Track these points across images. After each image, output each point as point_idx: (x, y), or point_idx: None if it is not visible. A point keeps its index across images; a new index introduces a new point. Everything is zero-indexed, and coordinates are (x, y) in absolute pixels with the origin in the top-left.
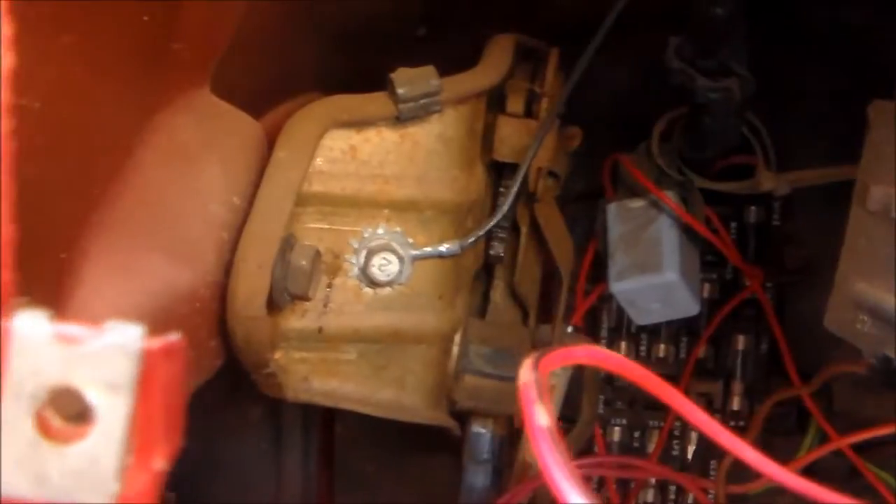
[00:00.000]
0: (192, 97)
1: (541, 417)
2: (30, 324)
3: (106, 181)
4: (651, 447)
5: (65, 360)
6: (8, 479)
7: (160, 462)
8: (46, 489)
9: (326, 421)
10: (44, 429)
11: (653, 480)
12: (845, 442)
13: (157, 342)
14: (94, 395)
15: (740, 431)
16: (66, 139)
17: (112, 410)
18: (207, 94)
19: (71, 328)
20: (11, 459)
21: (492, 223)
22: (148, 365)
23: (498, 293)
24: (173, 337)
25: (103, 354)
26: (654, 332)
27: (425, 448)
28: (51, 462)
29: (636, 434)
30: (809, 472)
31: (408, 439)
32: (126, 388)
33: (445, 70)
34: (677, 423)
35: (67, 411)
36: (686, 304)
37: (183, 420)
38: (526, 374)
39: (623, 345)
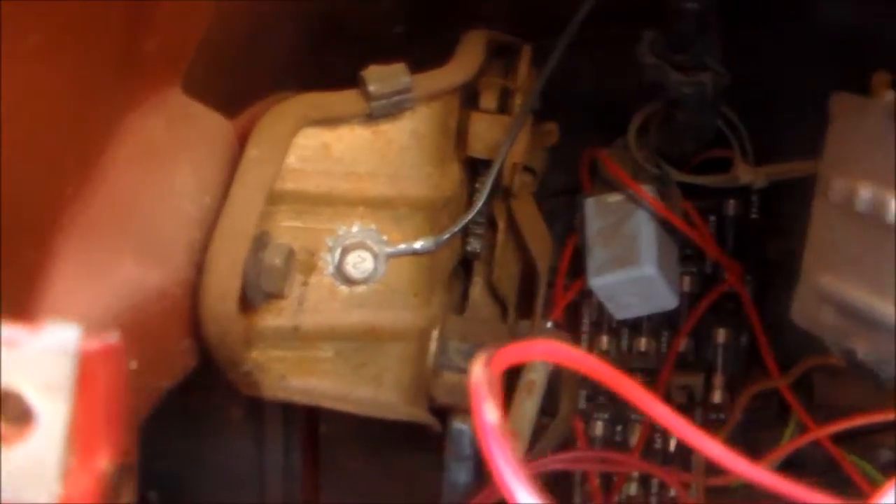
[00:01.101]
0: (164, 97)
1: (489, 414)
2: None
3: (76, 181)
4: (633, 441)
5: (4, 362)
6: None
7: (104, 462)
8: None
9: (310, 420)
10: None
11: (635, 474)
12: (824, 432)
13: (95, 343)
14: (33, 397)
15: (721, 424)
16: (36, 140)
17: (52, 412)
18: (179, 94)
19: (8, 330)
20: None
21: (466, 219)
22: (86, 366)
23: (476, 289)
24: (111, 337)
25: (41, 356)
26: (634, 326)
27: (410, 445)
28: None
29: (618, 428)
30: (789, 463)
31: (392, 437)
32: (64, 390)
33: (423, 67)
34: None
35: (8, 413)
36: (665, 298)
37: (127, 421)
38: (477, 371)
39: (604, 339)
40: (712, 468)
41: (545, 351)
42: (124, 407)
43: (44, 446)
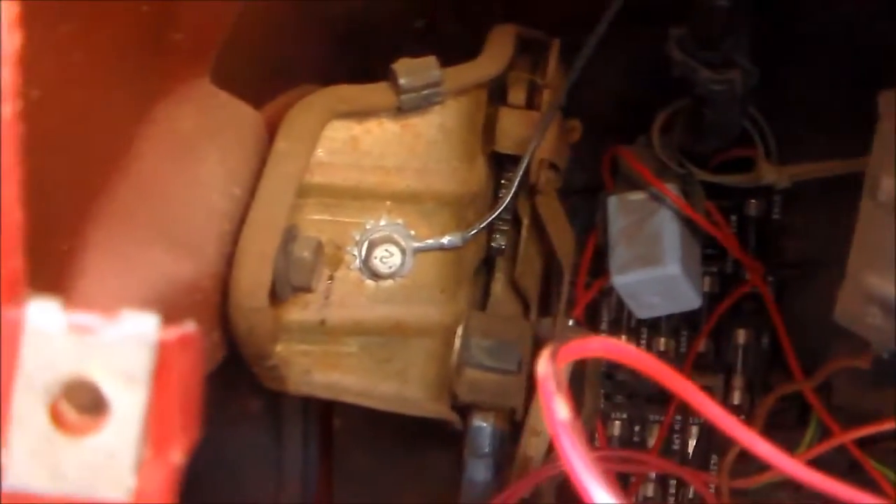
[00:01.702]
0: (193, 87)
1: (561, 411)
2: (43, 313)
3: (106, 171)
4: (651, 441)
5: (79, 350)
6: (22, 473)
7: (178, 455)
8: (62, 483)
9: (325, 414)
10: (58, 421)
11: (653, 475)
12: (848, 437)
13: (174, 332)
14: (109, 387)
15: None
16: (66, 129)
17: (128, 402)
18: (208, 84)
19: (85, 318)
20: (26, 453)
21: (494, 214)
22: (164, 356)
23: (499, 286)
24: (189, 327)
25: (119, 345)
26: (654, 325)
27: (424, 442)
28: (66, 455)
29: (636, 428)
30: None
31: (406, 433)
32: (142, 380)
33: (444, 63)
34: (678, 418)
35: (82, 403)
36: (687, 298)
37: (200, 412)
38: (544, 366)
39: (623, 339)
40: (733, 470)
41: (604, 347)
42: (198, 398)
43: (118, 438)
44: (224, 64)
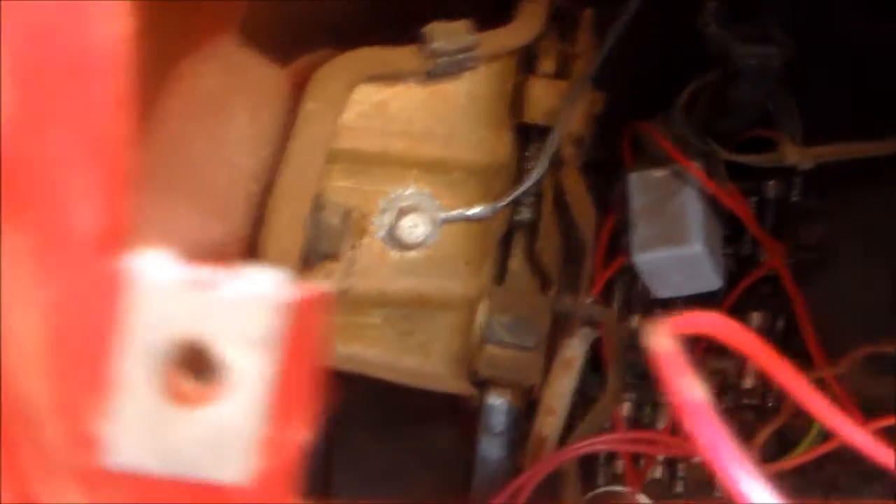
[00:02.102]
0: (219, 45)
1: (694, 390)
2: (156, 266)
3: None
4: (661, 423)
5: (197, 309)
6: (129, 448)
7: (303, 433)
8: (172, 460)
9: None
10: (171, 390)
11: (660, 457)
12: (872, 427)
13: (306, 291)
14: (229, 351)
15: (754, 411)
16: None
17: (251, 370)
18: (234, 43)
19: (204, 272)
20: (134, 425)
21: (526, 186)
22: (296, 317)
23: (517, 261)
24: (318, 285)
25: (242, 303)
26: (667, 306)
27: (423, 417)
28: (178, 429)
29: (646, 410)
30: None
31: (406, 408)
32: (268, 345)
33: None
34: None
35: (197, 369)
36: (709, 278)
37: (324, 384)
38: (663, 342)
39: (636, 319)
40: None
41: (712, 324)
42: (325, 367)
43: (238, 410)
44: (251, 22)
